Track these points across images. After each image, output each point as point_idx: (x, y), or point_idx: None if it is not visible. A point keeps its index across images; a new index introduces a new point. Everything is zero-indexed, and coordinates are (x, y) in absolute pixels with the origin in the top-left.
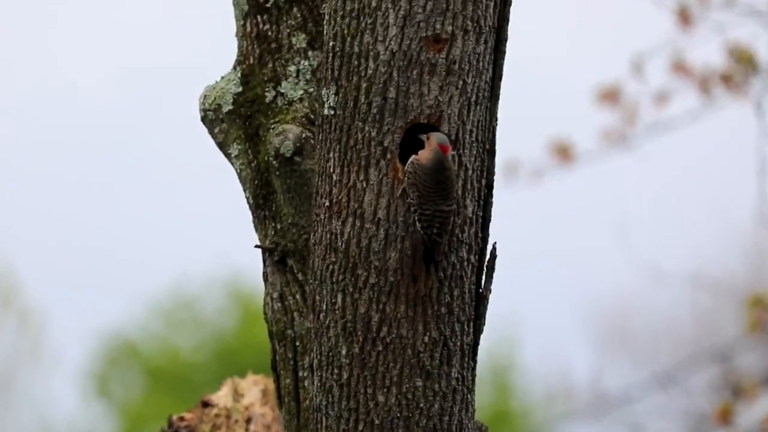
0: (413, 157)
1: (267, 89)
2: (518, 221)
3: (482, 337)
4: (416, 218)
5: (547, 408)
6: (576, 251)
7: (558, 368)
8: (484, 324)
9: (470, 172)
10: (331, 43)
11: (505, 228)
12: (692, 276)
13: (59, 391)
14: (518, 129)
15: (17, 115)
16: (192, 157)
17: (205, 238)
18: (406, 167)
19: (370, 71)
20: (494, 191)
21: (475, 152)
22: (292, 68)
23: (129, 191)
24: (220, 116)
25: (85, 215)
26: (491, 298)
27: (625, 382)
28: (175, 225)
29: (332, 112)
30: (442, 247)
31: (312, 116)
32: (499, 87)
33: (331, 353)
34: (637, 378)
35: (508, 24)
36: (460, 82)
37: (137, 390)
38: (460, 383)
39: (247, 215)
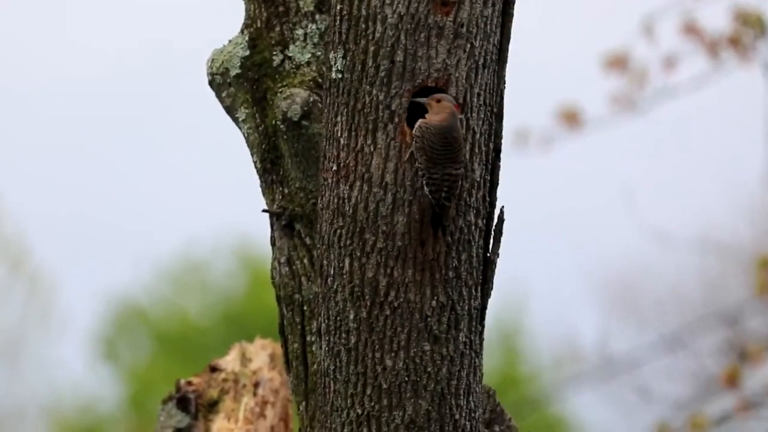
0: (420, 120)
1: (274, 53)
2: (527, 187)
3: (490, 301)
4: (424, 182)
5: (554, 372)
6: (584, 216)
7: (565, 332)
8: (492, 288)
9: (478, 135)
10: (338, 6)
11: (514, 194)
12: (699, 240)
13: (68, 355)
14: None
15: (27, 87)
16: (200, 121)
17: (214, 203)
18: (413, 131)
19: (377, 34)
20: (502, 156)
21: (482, 115)
22: (300, 32)
23: (137, 157)
24: (228, 80)
25: (94, 182)
26: (499, 262)
27: (632, 346)
28: (184, 189)
29: (340, 76)
30: (450, 211)
31: (320, 80)
32: (507, 50)
33: (338, 318)
34: (644, 341)
35: None
36: (468, 46)
37: (145, 354)
38: (467, 347)
39: (255, 180)
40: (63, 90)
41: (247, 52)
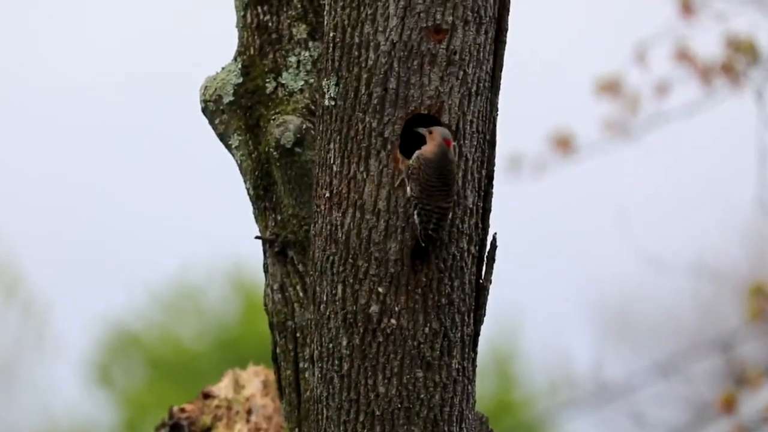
0: (418, 152)
1: (267, 80)
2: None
3: (484, 327)
4: (415, 213)
5: (549, 397)
6: (578, 242)
7: (560, 357)
8: (485, 315)
9: (471, 162)
10: (331, 34)
11: (508, 219)
12: (693, 265)
13: (62, 381)
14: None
15: (17, 113)
16: (195, 147)
17: (208, 229)
18: (410, 161)
19: (370, 62)
20: (495, 183)
21: (475, 143)
22: (293, 59)
23: (131, 183)
24: (221, 107)
25: (88, 208)
26: (493, 288)
27: (627, 371)
28: (178, 216)
29: (333, 103)
30: (435, 244)
31: (313, 107)
32: (499, 77)
33: (331, 344)
34: (639, 367)
35: (508, 14)
36: (461, 73)
37: (139, 379)
38: (460, 374)
39: (249, 206)
40: (56, 117)
41: (240, 79)
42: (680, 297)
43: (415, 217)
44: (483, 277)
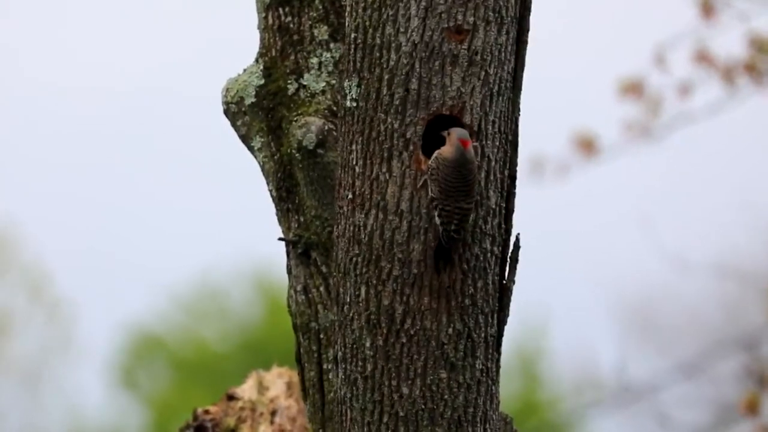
0: (436, 152)
1: (289, 81)
2: (544, 214)
3: (509, 327)
4: (436, 213)
5: (574, 398)
6: (601, 242)
7: (584, 358)
8: (508, 315)
9: (493, 163)
10: (353, 35)
11: (531, 220)
12: (717, 265)
13: (87, 383)
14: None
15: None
16: (218, 148)
17: (231, 231)
18: (429, 162)
19: (392, 63)
20: (518, 184)
21: (497, 143)
22: (314, 60)
23: (156, 184)
24: (243, 109)
25: (113, 209)
26: (517, 289)
27: (651, 372)
28: (202, 217)
29: (354, 104)
30: (458, 245)
31: (334, 108)
32: (521, 78)
33: (355, 345)
34: (663, 367)
35: (529, 14)
36: (482, 73)
37: (164, 382)
38: (484, 375)
39: (272, 207)
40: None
41: (262, 81)
42: (704, 297)
43: (437, 218)
44: (506, 278)
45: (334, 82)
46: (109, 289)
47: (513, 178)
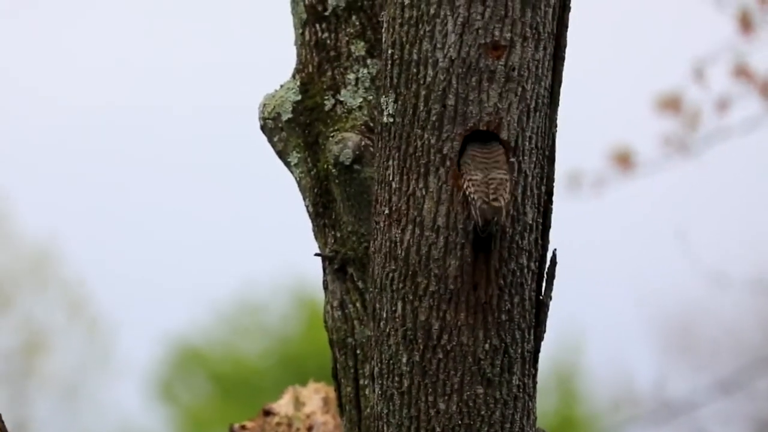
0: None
1: (326, 97)
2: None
3: (546, 343)
4: (466, 189)
5: (611, 414)
6: (638, 258)
7: (622, 374)
8: (545, 331)
9: (530, 178)
10: (389, 51)
11: (568, 236)
12: (755, 281)
13: (126, 398)
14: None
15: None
16: (258, 163)
17: (273, 245)
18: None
19: (429, 79)
20: (555, 199)
21: (534, 159)
22: (351, 76)
23: (196, 198)
24: (280, 125)
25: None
26: (554, 305)
27: (689, 388)
28: (242, 232)
29: (391, 120)
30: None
31: (371, 124)
32: (558, 93)
33: (391, 361)
34: (701, 384)
35: (567, 30)
36: (519, 89)
37: (202, 396)
38: (521, 391)
39: (309, 222)
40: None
41: (299, 97)
42: (742, 313)
43: (468, 196)
44: (543, 294)
45: (371, 98)
46: (150, 303)
47: (550, 193)
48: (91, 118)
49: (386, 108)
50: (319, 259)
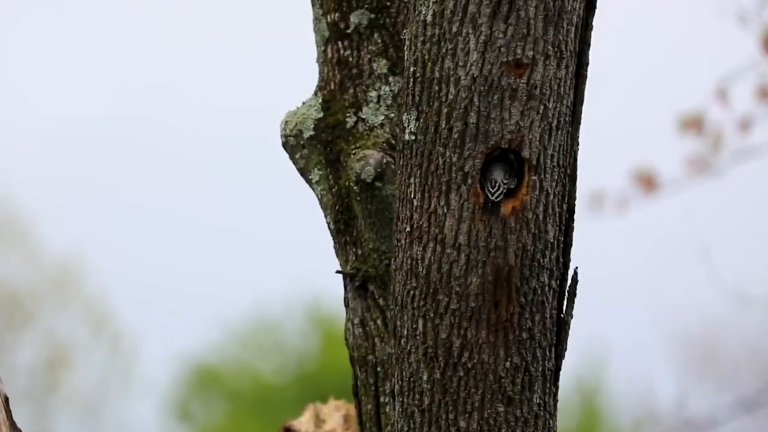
0: None
1: (348, 115)
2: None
3: (568, 361)
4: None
5: None
6: (661, 277)
7: (643, 393)
8: (566, 349)
9: (551, 197)
10: (411, 69)
11: (591, 255)
12: None
13: (145, 416)
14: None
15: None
16: (274, 180)
17: (288, 263)
18: None
19: (450, 96)
20: (577, 219)
21: (556, 177)
22: (373, 94)
23: (214, 216)
24: (301, 142)
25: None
26: (576, 323)
27: (711, 407)
28: (257, 250)
29: (413, 138)
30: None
31: (393, 141)
32: (580, 112)
33: (412, 379)
34: (723, 402)
35: (589, 48)
36: (542, 107)
37: (219, 414)
38: (542, 409)
39: (328, 240)
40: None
41: (321, 114)
42: (764, 331)
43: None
44: (564, 312)
45: (392, 115)
46: (167, 320)
47: (571, 212)
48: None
49: (408, 125)
50: (340, 276)
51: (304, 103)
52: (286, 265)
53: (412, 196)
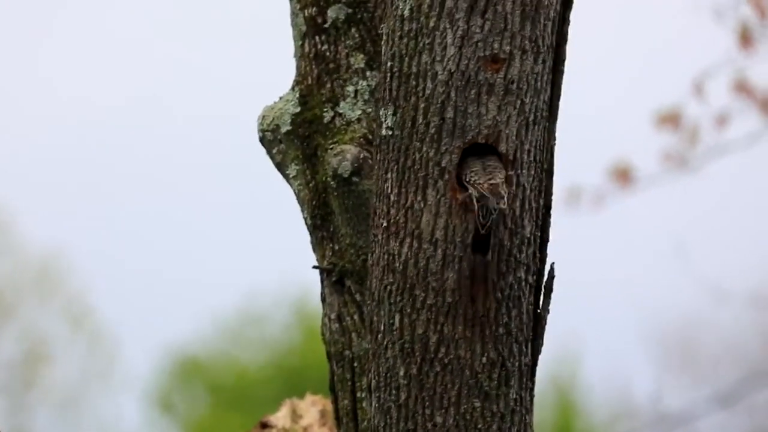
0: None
1: (325, 109)
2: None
3: (545, 356)
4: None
5: (609, 427)
6: (638, 272)
7: (620, 387)
8: (542, 344)
9: (528, 192)
10: (389, 64)
11: (567, 250)
12: (754, 295)
13: (126, 409)
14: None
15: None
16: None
17: (274, 257)
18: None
19: (428, 91)
20: (554, 214)
21: (533, 172)
22: (350, 88)
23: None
24: (278, 137)
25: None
26: (553, 318)
27: (687, 401)
28: (244, 244)
29: (390, 133)
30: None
31: (370, 136)
32: (557, 107)
33: (389, 374)
34: (699, 397)
35: (566, 44)
36: (518, 102)
37: (201, 406)
38: (518, 404)
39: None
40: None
41: (298, 109)
42: (741, 326)
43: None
44: (540, 307)
45: (370, 110)
46: (152, 314)
47: (548, 207)
48: (90, 129)
49: (385, 120)
50: (318, 271)
51: (281, 98)
52: (272, 259)
53: (389, 192)
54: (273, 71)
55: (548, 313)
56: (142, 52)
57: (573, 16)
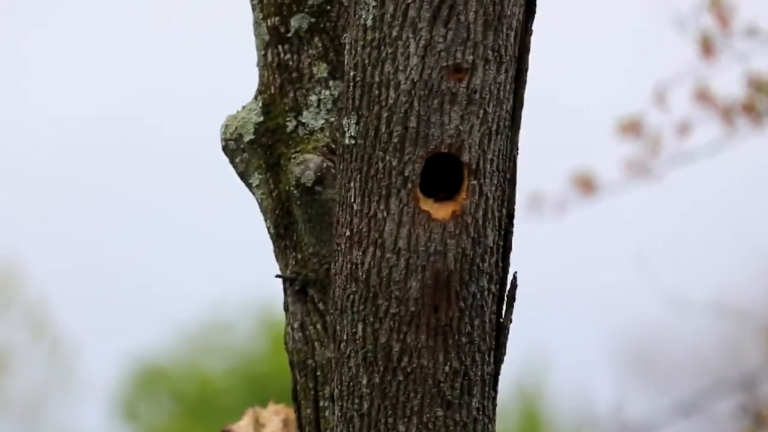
0: None
1: (288, 119)
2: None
3: (508, 366)
4: None
5: None
6: (599, 281)
7: (583, 397)
8: (505, 354)
9: (491, 201)
10: (351, 73)
11: (529, 258)
12: (716, 304)
13: (88, 418)
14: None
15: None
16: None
17: (239, 265)
18: None
19: (390, 101)
20: (516, 221)
21: (495, 181)
22: (313, 98)
23: (161, 218)
24: (241, 146)
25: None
26: (516, 327)
27: (649, 410)
28: (208, 251)
29: (353, 142)
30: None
31: (333, 146)
32: (520, 116)
33: (351, 383)
34: (661, 406)
35: (528, 53)
36: (481, 112)
37: (165, 415)
38: (480, 413)
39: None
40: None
41: (261, 118)
42: (703, 336)
43: None
44: (503, 316)
45: (333, 119)
46: (114, 323)
47: (511, 216)
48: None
49: (348, 130)
50: (281, 280)
51: (244, 107)
52: (237, 267)
53: (352, 201)
54: (235, 81)
55: (511, 322)
56: (102, 71)
57: (536, 25)
